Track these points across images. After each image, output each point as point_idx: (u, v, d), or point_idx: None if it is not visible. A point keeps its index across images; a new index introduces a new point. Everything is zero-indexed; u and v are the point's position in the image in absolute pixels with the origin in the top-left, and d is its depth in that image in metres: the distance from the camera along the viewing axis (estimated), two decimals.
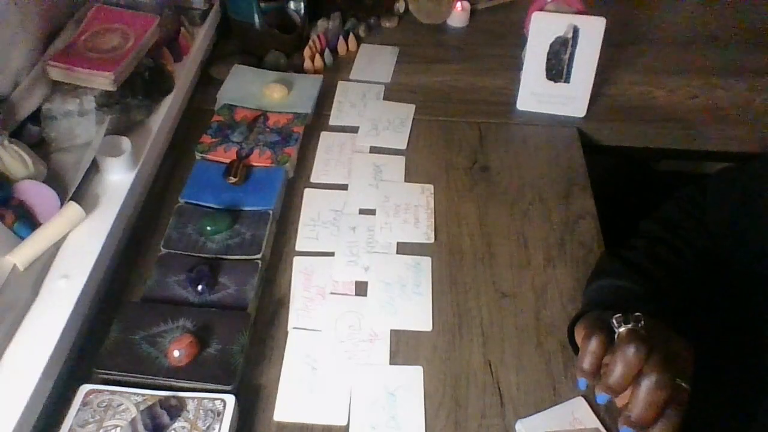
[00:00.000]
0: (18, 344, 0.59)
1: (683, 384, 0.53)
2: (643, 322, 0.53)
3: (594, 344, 0.54)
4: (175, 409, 0.58)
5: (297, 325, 0.69)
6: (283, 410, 0.62)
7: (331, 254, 0.76)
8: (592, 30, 0.92)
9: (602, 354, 0.54)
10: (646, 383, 0.51)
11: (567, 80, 0.95)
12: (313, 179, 0.86)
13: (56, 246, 0.67)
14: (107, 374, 0.61)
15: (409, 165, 0.89)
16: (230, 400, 0.59)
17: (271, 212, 0.77)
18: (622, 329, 0.54)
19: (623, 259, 0.71)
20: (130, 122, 0.81)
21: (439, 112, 0.98)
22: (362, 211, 0.82)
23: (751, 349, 0.65)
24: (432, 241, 0.78)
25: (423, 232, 0.79)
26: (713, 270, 0.73)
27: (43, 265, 0.65)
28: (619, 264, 0.70)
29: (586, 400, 0.62)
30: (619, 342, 0.53)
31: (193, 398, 0.59)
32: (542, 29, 0.94)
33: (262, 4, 1.04)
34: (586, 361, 0.55)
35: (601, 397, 0.55)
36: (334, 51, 1.08)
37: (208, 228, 0.74)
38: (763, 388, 0.62)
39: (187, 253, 0.72)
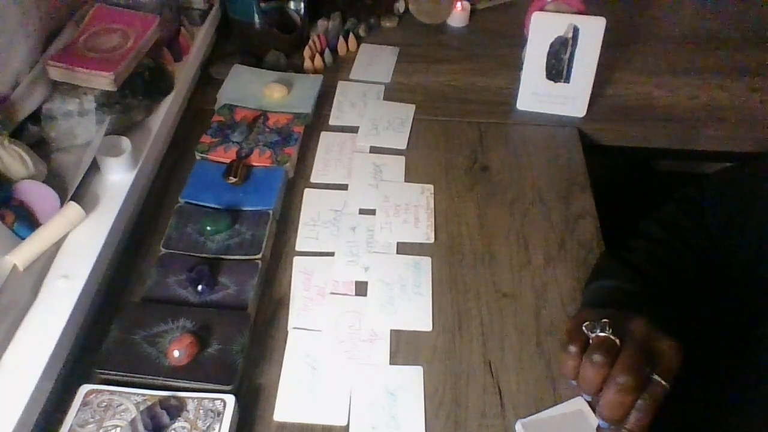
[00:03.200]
0: (18, 344, 0.59)
1: (661, 381, 0.55)
2: (610, 329, 0.56)
3: (572, 350, 0.58)
4: (175, 409, 0.58)
5: (297, 325, 0.69)
6: (283, 410, 0.62)
7: (331, 254, 0.76)
8: (592, 30, 0.92)
9: (580, 359, 0.57)
10: (613, 385, 0.54)
11: (567, 80, 0.95)
12: (313, 179, 0.86)
13: (56, 246, 0.67)
14: (107, 374, 0.61)
15: (409, 165, 0.89)
16: (230, 400, 0.59)
17: (271, 212, 0.77)
18: (592, 335, 0.57)
19: (622, 259, 0.71)
20: (130, 122, 0.81)
21: (439, 112, 0.98)
22: (362, 211, 0.82)
23: (748, 348, 0.65)
24: (432, 241, 0.78)
25: (423, 232, 0.79)
26: (712, 271, 0.73)
27: (43, 265, 0.65)
28: (618, 264, 0.70)
29: (586, 400, 0.62)
30: (588, 349, 0.57)
31: (193, 398, 0.59)
32: (542, 29, 0.94)
33: (262, 4, 1.04)
34: (567, 366, 0.58)
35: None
36: (334, 51, 1.08)
37: (208, 228, 0.74)
38: (759, 386, 0.62)
39: (187, 253, 0.72)
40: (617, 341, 0.56)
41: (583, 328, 0.58)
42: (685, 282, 0.71)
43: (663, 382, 0.55)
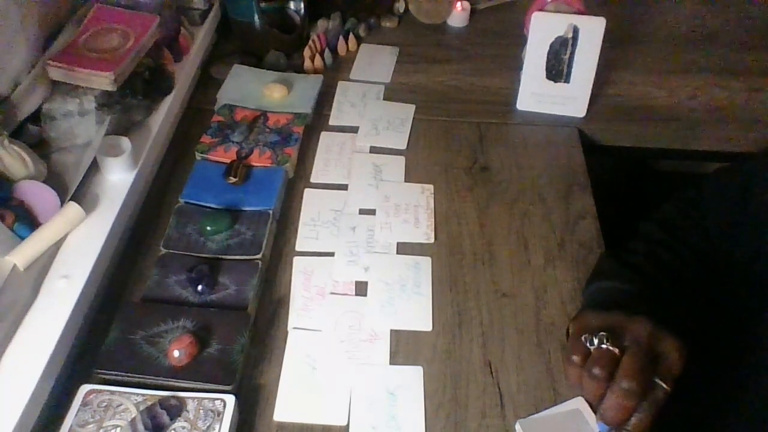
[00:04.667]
0: (18, 344, 0.59)
1: (663, 384, 0.55)
2: (608, 341, 0.56)
3: (574, 360, 0.58)
4: (175, 409, 0.58)
5: (297, 325, 0.69)
6: (283, 410, 0.62)
7: (331, 254, 0.76)
8: (592, 30, 0.92)
9: (582, 368, 0.58)
10: (617, 390, 0.54)
11: (567, 80, 0.95)
12: (313, 179, 0.86)
13: (56, 246, 0.67)
14: (107, 374, 0.61)
15: (409, 165, 0.89)
16: (230, 400, 0.59)
17: (271, 212, 0.77)
18: (592, 348, 0.57)
19: (622, 260, 0.71)
20: (130, 122, 0.81)
21: (439, 112, 0.98)
22: (362, 211, 0.82)
23: (748, 347, 0.65)
24: (432, 241, 0.78)
25: (423, 232, 0.79)
26: (712, 270, 0.73)
27: (43, 265, 0.65)
28: (618, 265, 0.70)
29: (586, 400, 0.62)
30: (588, 362, 0.57)
31: (193, 398, 0.59)
32: (542, 29, 0.93)
33: (262, 4, 1.04)
34: (571, 375, 0.59)
35: None
36: (334, 51, 1.08)
37: (208, 228, 0.74)
38: (758, 386, 0.62)
39: (187, 253, 0.72)
40: (617, 351, 0.56)
41: (582, 339, 0.58)
42: (685, 282, 0.71)
43: (665, 386, 0.55)
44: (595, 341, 0.57)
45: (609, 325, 0.58)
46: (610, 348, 0.56)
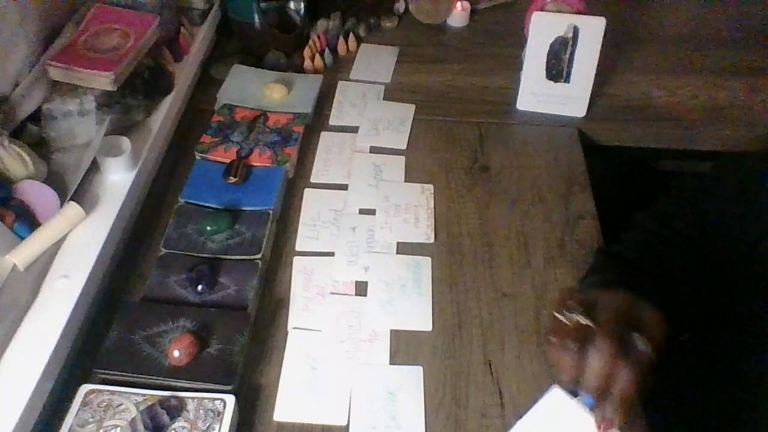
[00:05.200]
0: (18, 344, 0.59)
1: (642, 343, 0.52)
2: (577, 311, 0.54)
3: (552, 339, 0.55)
4: (175, 409, 0.58)
5: (297, 325, 0.69)
6: (283, 410, 0.62)
7: (331, 254, 0.76)
8: (592, 30, 0.92)
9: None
10: (592, 352, 0.51)
11: (567, 80, 0.95)
12: (313, 179, 0.86)
13: (56, 246, 0.67)
14: (107, 374, 0.61)
15: (409, 165, 0.89)
16: (230, 400, 0.59)
17: (271, 212, 0.77)
18: (566, 321, 0.54)
19: (614, 254, 0.71)
20: (130, 122, 0.81)
21: (439, 112, 0.98)
22: (362, 211, 0.82)
23: (744, 340, 0.65)
24: (432, 241, 0.78)
25: (423, 232, 0.79)
26: (708, 262, 0.72)
27: (43, 265, 0.65)
28: (609, 259, 0.70)
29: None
30: (563, 336, 0.54)
31: (193, 398, 0.59)
32: (542, 29, 0.94)
33: (262, 4, 1.04)
34: (550, 354, 0.56)
35: None
36: (334, 51, 1.08)
37: (208, 228, 0.74)
38: (759, 386, 0.62)
39: (187, 253, 0.72)
40: (589, 323, 0.53)
41: (556, 314, 0.55)
42: (678, 273, 0.70)
43: (645, 346, 0.52)
44: (573, 317, 0.54)
45: (587, 301, 0.56)
46: (587, 321, 0.53)
